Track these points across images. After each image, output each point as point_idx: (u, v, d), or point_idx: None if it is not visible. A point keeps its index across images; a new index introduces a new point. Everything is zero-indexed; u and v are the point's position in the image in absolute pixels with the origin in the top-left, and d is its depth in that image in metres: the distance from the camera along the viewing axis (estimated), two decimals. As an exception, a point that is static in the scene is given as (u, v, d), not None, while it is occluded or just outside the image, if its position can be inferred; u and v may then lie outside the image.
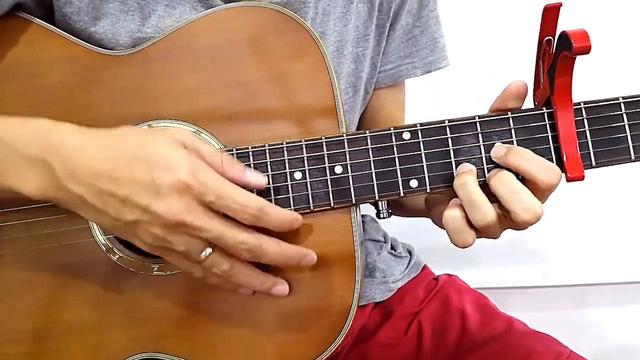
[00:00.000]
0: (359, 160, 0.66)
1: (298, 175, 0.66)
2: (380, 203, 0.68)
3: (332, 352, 0.67)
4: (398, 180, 0.66)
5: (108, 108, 0.69)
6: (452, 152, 0.65)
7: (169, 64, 0.69)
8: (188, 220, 0.58)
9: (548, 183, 0.62)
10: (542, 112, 0.65)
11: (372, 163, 0.66)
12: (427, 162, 0.65)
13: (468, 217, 0.62)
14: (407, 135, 0.66)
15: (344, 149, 0.66)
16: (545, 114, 0.65)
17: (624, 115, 0.65)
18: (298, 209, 0.66)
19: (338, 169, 0.66)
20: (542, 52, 0.65)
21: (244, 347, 0.68)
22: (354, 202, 0.66)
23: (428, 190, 0.65)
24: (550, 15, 0.62)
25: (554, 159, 0.64)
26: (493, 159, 0.64)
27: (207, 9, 0.72)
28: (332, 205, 0.66)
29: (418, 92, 1.01)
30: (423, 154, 0.66)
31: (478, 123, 0.65)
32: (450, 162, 0.65)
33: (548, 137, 0.65)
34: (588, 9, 1.16)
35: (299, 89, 0.69)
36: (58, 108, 0.69)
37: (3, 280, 0.70)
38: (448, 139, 0.65)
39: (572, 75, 0.62)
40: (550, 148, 0.64)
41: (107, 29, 0.71)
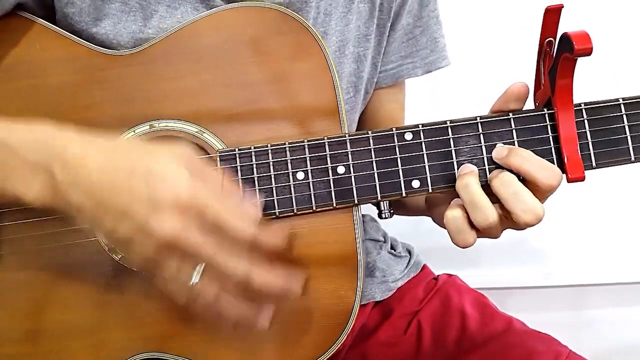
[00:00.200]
0: (362, 161, 0.66)
1: (300, 176, 0.66)
2: (382, 203, 0.68)
3: (333, 352, 0.67)
4: (400, 181, 0.66)
5: (110, 108, 0.69)
6: (453, 152, 0.66)
7: (171, 64, 0.69)
8: (182, 239, 0.57)
9: (549, 185, 0.62)
10: (543, 113, 0.65)
11: (374, 163, 0.66)
12: (429, 162, 0.66)
13: (470, 217, 0.63)
14: (409, 136, 0.66)
15: (347, 150, 0.66)
16: (547, 115, 0.65)
17: (624, 117, 0.65)
18: (300, 209, 0.66)
19: (340, 169, 0.66)
20: (543, 53, 0.65)
21: (246, 346, 0.68)
22: (356, 202, 0.66)
23: (430, 191, 0.66)
24: (552, 17, 0.62)
25: (555, 160, 0.65)
26: (494, 160, 0.65)
27: (208, 10, 0.72)
28: (334, 206, 0.66)
29: (419, 92, 1.01)
30: (425, 155, 0.66)
31: (479, 124, 0.66)
32: (452, 162, 0.66)
33: (549, 137, 0.65)
34: (589, 11, 1.16)
35: (301, 89, 0.69)
36: (59, 108, 0.69)
37: (4, 280, 0.69)
38: (450, 140, 0.66)
39: (573, 77, 0.62)
40: (551, 149, 0.65)
41: (108, 30, 0.71)
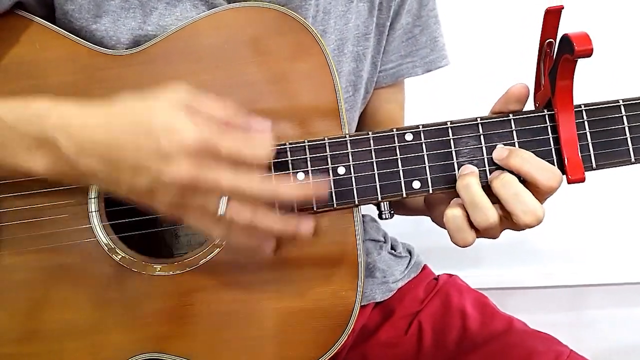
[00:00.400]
0: (362, 162, 0.66)
1: (301, 176, 0.66)
2: (383, 204, 0.68)
3: (333, 352, 0.67)
4: (400, 182, 0.66)
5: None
6: (454, 153, 0.66)
7: (171, 64, 0.69)
8: (201, 179, 0.57)
9: (549, 186, 0.62)
10: (543, 114, 0.65)
11: (374, 164, 0.66)
12: (429, 163, 0.66)
13: (470, 218, 0.63)
14: (409, 137, 0.66)
15: (347, 150, 0.66)
16: (547, 116, 0.65)
17: (624, 118, 0.65)
18: (301, 210, 0.66)
19: (341, 170, 0.66)
20: (543, 54, 0.65)
21: (246, 347, 0.68)
22: (357, 203, 0.66)
23: (430, 192, 0.66)
24: (552, 18, 0.62)
25: (555, 161, 0.65)
26: (495, 161, 0.65)
27: (208, 7, 0.72)
28: (334, 206, 0.66)
29: (418, 91, 1.01)
30: (425, 155, 0.66)
31: (480, 124, 0.66)
32: (453, 163, 0.65)
33: (549, 139, 0.65)
34: (589, 12, 1.16)
35: (301, 90, 0.69)
36: (59, 108, 0.69)
37: (4, 280, 0.69)
38: (450, 141, 0.66)
39: (573, 78, 0.62)
40: (552, 150, 0.65)
41: (108, 27, 0.71)
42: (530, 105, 0.68)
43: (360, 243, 0.67)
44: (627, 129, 0.65)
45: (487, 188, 0.64)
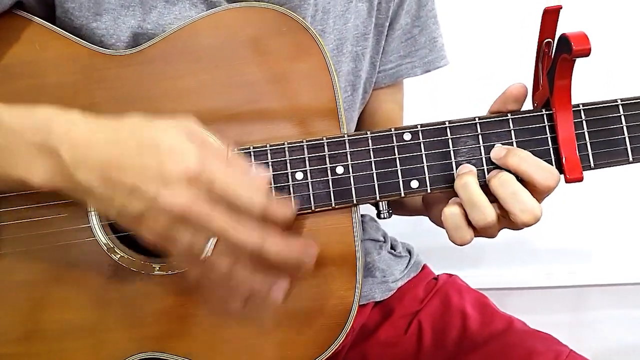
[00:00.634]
0: (360, 161, 0.66)
1: (299, 176, 0.66)
2: (381, 203, 0.69)
3: (332, 352, 0.67)
4: (399, 181, 0.66)
5: (109, 108, 0.69)
6: (452, 153, 0.66)
7: (170, 64, 0.69)
8: (195, 211, 0.57)
9: (546, 185, 0.62)
10: (541, 113, 0.65)
11: (373, 164, 0.66)
12: (427, 162, 0.66)
13: (468, 217, 0.63)
14: (407, 136, 0.66)
15: (345, 150, 0.66)
16: (545, 116, 0.65)
17: (622, 117, 0.65)
18: (299, 209, 0.66)
19: (339, 170, 0.66)
20: (541, 54, 0.65)
21: (245, 347, 0.69)
22: (355, 202, 0.66)
23: (429, 191, 0.66)
24: (550, 18, 0.62)
25: (553, 160, 0.65)
26: (493, 160, 0.65)
27: (206, 6, 0.72)
28: (333, 206, 0.66)
29: (417, 91, 1.01)
30: (424, 155, 0.66)
31: (478, 124, 0.66)
32: (451, 162, 0.66)
33: (547, 138, 0.65)
34: (587, 12, 1.16)
35: (300, 90, 0.69)
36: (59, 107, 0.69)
37: (3, 280, 0.70)
38: (448, 140, 0.66)
39: (571, 78, 0.62)
40: (550, 149, 0.65)
41: (108, 25, 0.71)
42: (529, 105, 0.68)
43: (359, 242, 0.67)
44: (625, 129, 0.65)
45: (485, 187, 0.64)
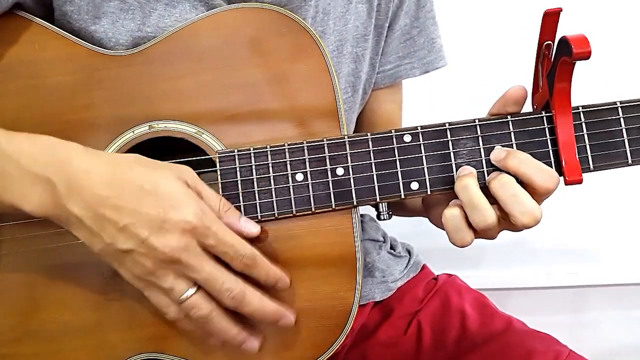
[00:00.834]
0: (361, 162, 0.66)
1: (300, 177, 0.66)
2: (381, 205, 0.69)
3: (332, 352, 0.67)
4: (399, 183, 0.66)
5: (109, 108, 0.69)
6: (452, 155, 0.66)
7: (170, 65, 0.69)
8: (183, 258, 0.59)
9: (545, 188, 0.62)
10: (541, 116, 0.65)
11: (373, 165, 0.66)
12: (427, 164, 0.66)
13: (468, 219, 0.63)
14: (408, 138, 0.66)
15: (346, 151, 0.66)
16: (545, 118, 0.65)
17: (622, 120, 0.65)
18: (299, 211, 0.66)
19: (339, 171, 0.66)
20: (541, 56, 0.65)
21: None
22: (355, 203, 0.66)
23: (429, 193, 0.66)
24: (550, 20, 0.62)
25: (553, 163, 0.65)
26: (493, 162, 0.65)
27: (207, 8, 0.72)
28: (333, 207, 0.66)
29: (417, 92, 1.01)
30: (424, 157, 0.66)
31: (478, 126, 0.66)
32: (451, 164, 0.66)
33: (547, 140, 0.65)
34: (587, 15, 1.16)
35: (300, 91, 0.69)
36: (58, 108, 0.69)
37: (3, 281, 0.70)
38: (449, 142, 0.66)
39: (571, 81, 0.62)
40: (549, 151, 0.65)
41: (107, 28, 0.71)
42: (528, 107, 0.68)
43: (359, 244, 0.67)
44: (624, 131, 0.65)
45: (485, 189, 0.64)
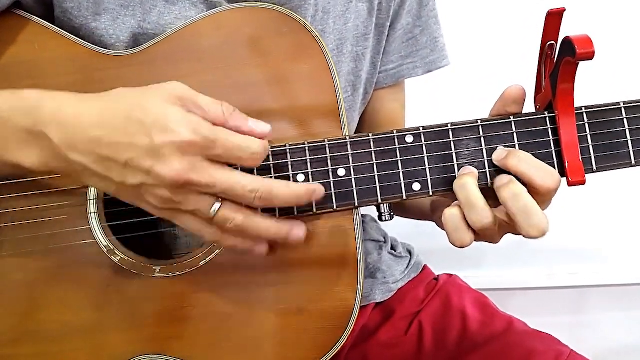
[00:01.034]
0: (362, 163, 0.66)
1: (301, 178, 0.66)
2: (383, 206, 0.68)
3: (333, 354, 0.67)
4: (401, 183, 0.66)
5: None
6: (454, 155, 0.65)
7: (171, 65, 0.69)
8: (194, 178, 0.56)
9: (546, 187, 0.61)
10: (544, 116, 0.65)
11: (375, 166, 0.66)
12: (429, 165, 0.66)
13: (466, 217, 0.63)
14: (410, 139, 0.66)
15: (347, 152, 0.66)
16: (547, 119, 0.65)
17: (625, 120, 0.65)
18: (301, 211, 0.66)
19: (341, 172, 0.66)
20: (544, 56, 0.65)
21: (245, 349, 0.68)
22: (357, 204, 0.66)
23: (430, 194, 0.66)
24: (554, 21, 0.62)
25: (556, 163, 0.64)
26: (494, 162, 0.65)
27: (207, 6, 0.72)
28: (334, 208, 0.66)
29: (419, 92, 1.01)
30: (426, 157, 0.66)
31: (480, 127, 0.66)
32: (453, 165, 0.65)
33: (550, 141, 0.65)
34: (591, 15, 1.16)
35: (302, 91, 0.69)
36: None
37: (4, 281, 0.69)
38: (451, 143, 0.66)
39: (574, 81, 0.62)
40: (552, 152, 0.65)
41: (107, 25, 0.71)
42: (531, 107, 0.68)
43: (360, 245, 0.67)
44: (627, 132, 0.64)
45: (487, 190, 0.63)
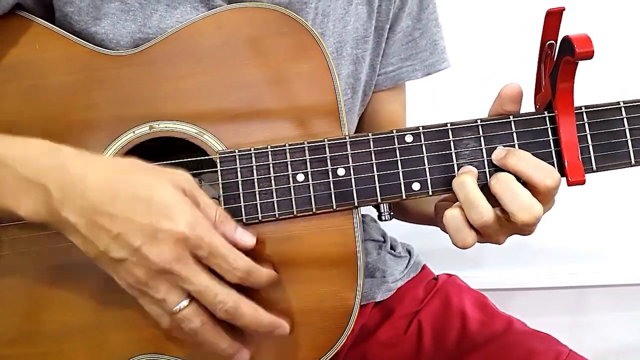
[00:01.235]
0: (362, 163, 0.66)
1: (300, 177, 0.66)
2: (382, 206, 0.68)
3: (333, 354, 0.67)
4: (400, 183, 0.66)
5: (109, 108, 0.69)
6: (454, 155, 0.66)
7: (171, 65, 0.69)
8: (176, 269, 0.59)
9: (545, 185, 0.62)
10: (543, 116, 0.65)
11: (374, 165, 0.66)
12: (429, 165, 0.66)
13: (467, 217, 0.63)
14: (409, 138, 0.66)
15: (347, 152, 0.66)
16: (547, 118, 0.65)
17: (625, 120, 0.65)
18: (300, 211, 0.66)
19: (340, 171, 0.66)
20: (543, 56, 0.65)
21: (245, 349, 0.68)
22: (356, 204, 0.66)
23: (430, 193, 0.66)
24: (553, 20, 0.62)
25: (555, 163, 0.64)
26: (494, 162, 0.65)
27: (208, 9, 0.72)
28: (334, 208, 0.66)
29: (419, 94, 1.01)
30: (425, 157, 0.66)
31: (480, 126, 0.66)
32: (453, 165, 0.65)
33: (549, 141, 0.65)
34: (590, 14, 1.16)
35: (301, 91, 0.69)
36: (59, 108, 0.69)
37: (4, 281, 0.69)
38: (450, 142, 0.66)
39: (574, 80, 0.62)
40: (552, 152, 0.65)
41: (108, 29, 0.71)
42: (531, 107, 0.68)
43: (360, 244, 0.67)
44: (627, 131, 0.65)
45: (487, 189, 0.63)
